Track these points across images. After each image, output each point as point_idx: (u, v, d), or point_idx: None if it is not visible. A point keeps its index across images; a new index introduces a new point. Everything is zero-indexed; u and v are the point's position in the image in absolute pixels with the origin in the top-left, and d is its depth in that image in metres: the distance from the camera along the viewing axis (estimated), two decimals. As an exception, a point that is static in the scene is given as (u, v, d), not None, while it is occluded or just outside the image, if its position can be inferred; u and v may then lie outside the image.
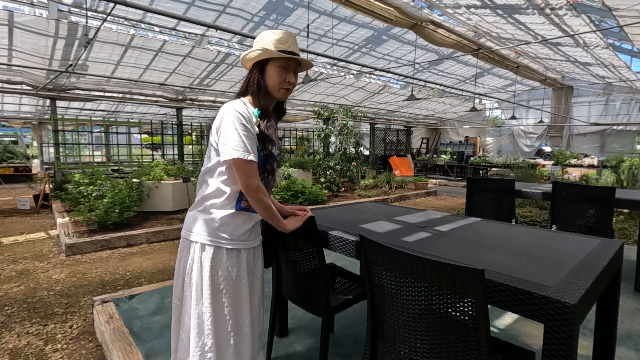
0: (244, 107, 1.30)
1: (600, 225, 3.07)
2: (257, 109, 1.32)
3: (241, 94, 1.37)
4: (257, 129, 1.31)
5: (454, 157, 14.09)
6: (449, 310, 1.08)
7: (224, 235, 1.30)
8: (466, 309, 1.05)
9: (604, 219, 3.06)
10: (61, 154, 7.49)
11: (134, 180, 5.77)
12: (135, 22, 6.26)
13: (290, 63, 1.33)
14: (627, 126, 11.36)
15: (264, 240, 1.50)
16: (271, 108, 1.41)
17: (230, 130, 1.24)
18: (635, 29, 5.59)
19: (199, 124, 10.48)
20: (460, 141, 15.97)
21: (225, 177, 1.31)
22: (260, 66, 1.33)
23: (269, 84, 1.33)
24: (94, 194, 5.42)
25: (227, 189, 1.31)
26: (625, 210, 5.59)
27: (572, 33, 6.09)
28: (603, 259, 1.37)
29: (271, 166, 1.38)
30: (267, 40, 1.31)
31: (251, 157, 1.24)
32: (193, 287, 1.28)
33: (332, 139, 9.29)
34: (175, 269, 1.40)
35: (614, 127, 11.54)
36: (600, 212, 3.08)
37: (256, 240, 1.43)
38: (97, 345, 2.33)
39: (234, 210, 1.32)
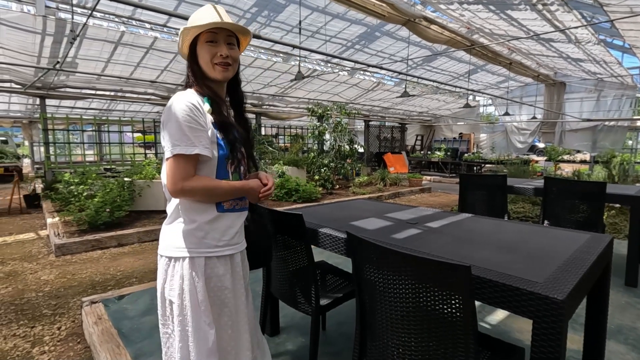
0: (189, 95, 1.13)
1: (592, 220, 3.08)
2: (205, 97, 1.18)
3: (186, 86, 1.22)
4: (210, 117, 1.17)
5: (448, 153, 14.12)
6: (437, 306, 1.06)
7: (213, 243, 1.17)
8: (453, 306, 1.03)
9: (595, 214, 3.08)
10: (51, 153, 7.39)
11: (126, 179, 5.71)
12: (125, 19, 6.18)
13: (218, 35, 1.18)
14: (619, 122, 11.46)
15: (255, 238, 1.38)
16: (223, 93, 1.26)
17: (172, 122, 1.09)
18: (626, 25, 5.62)
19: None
20: (454, 138, 16.01)
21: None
22: (191, 51, 1.20)
23: (202, 65, 1.19)
24: (85, 194, 5.35)
25: None
26: (617, 205, 5.64)
27: (563, 28, 6.11)
28: (592, 254, 1.36)
29: (240, 152, 1.23)
30: (189, 22, 1.18)
31: (197, 150, 1.09)
32: (189, 307, 1.13)
33: (327, 136, 9.26)
34: (158, 293, 1.20)
35: (606, 123, 11.63)
36: (592, 207, 3.09)
37: (244, 242, 1.30)
38: (85, 346, 2.29)
39: (216, 213, 1.18)
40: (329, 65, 9.57)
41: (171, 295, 1.15)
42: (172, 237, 1.17)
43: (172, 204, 1.19)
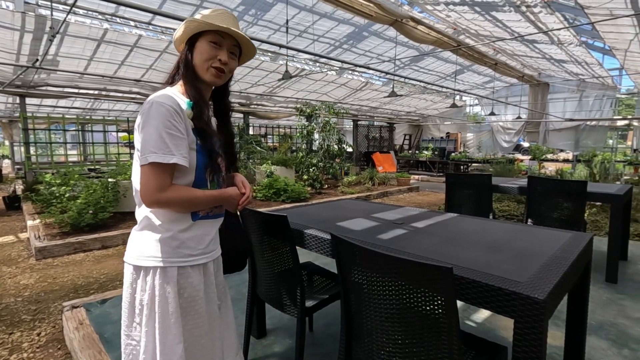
0: (170, 98, 1.06)
1: (574, 218, 3.15)
2: (188, 99, 1.12)
3: (170, 80, 1.16)
4: (190, 122, 1.10)
5: (436, 153, 14.27)
6: (420, 307, 1.06)
7: (187, 252, 1.11)
8: (437, 306, 1.04)
9: (577, 212, 3.15)
10: (32, 153, 7.19)
11: (110, 180, 5.59)
12: (108, 16, 6.04)
13: (224, 40, 1.14)
14: (600, 122, 11.77)
15: (228, 239, 1.33)
16: (208, 96, 1.20)
17: (149, 127, 1.02)
18: (606, 27, 5.77)
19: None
20: (441, 137, 16.20)
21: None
22: (190, 44, 1.14)
23: (197, 62, 1.13)
24: (67, 195, 5.21)
25: None
26: (598, 203, 5.78)
27: (546, 30, 6.23)
28: (573, 253, 1.38)
29: (217, 164, 1.18)
30: (201, 14, 1.13)
31: (174, 160, 1.02)
32: (157, 319, 1.08)
33: (315, 135, 9.25)
34: (124, 302, 1.14)
35: (588, 123, 11.94)
36: (573, 205, 3.15)
37: (218, 249, 1.25)
38: (66, 353, 2.23)
39: (191, 222, 1.13)
40: (317, 64, 9.56)
41: (141, 306, 1.10)
42: (143, 245, 1.10)
43: (143, 210, 1.12)
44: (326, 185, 9.02)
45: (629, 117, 12.39)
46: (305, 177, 8.48)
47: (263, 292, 1.88)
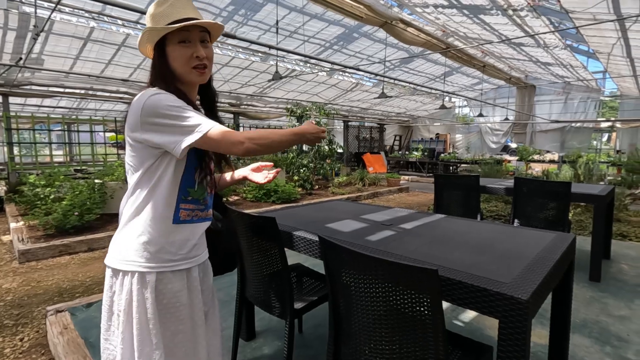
0: (158, 89, 1.03)
1: (558, 219, 3.21)
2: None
3: (150, 85, 1.09)
4: None
5: (426, 153, 14.41)
6: (407, 308, 1.07)
7: (167, 257, 1.07)
8: (423, 307, 1.05)
9: (561, 213, 3.21)
10: (16, 153, 7.02)
11: (96, 180, 5.49)
12: (95, 15, 5.94)
13: (191, 33, 1.05)
14: (584, 123, 12.04)
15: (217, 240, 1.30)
16: (194, 96, 1.16)
17: (165, 110, 0.98)
18: (590, 31, 5.90)
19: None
20: (431, 138, 16.36)
21: (152, 183, 1.05)
22: (159, 50, 1.06)
23: (176, 68, 1.06)
24: (52, 196, 5.10)
25: (159, 199, 1.06)
26: (583, 204, 5.90)
27: (532, 33, 6.35)
28: (556, 254, 1.41)
29: (208, 168, 1.15)
30: (151, 18, 1.05)
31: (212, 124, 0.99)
32: (134, 325, 1.04)
33: (306, 136, 9.23)
34: (103, 306, 1.11)
35: (573, 124, 12.20)
36: (558, 206, 3.21)
37: (204, 254, 1.21)
38: (50, 358, 2.18)
39: (172, 225, 1.08)
40: (308, 65, 9.56)
41: (118, 310, 1.06)
42: (121, 248, 1.07)
43: (125, 213, 1.08)
44: (317, 186, 9.02)
45: (612, 119, 12.69)
46: (295, 177, 8.47)
47: (252, 294, 1.87)
